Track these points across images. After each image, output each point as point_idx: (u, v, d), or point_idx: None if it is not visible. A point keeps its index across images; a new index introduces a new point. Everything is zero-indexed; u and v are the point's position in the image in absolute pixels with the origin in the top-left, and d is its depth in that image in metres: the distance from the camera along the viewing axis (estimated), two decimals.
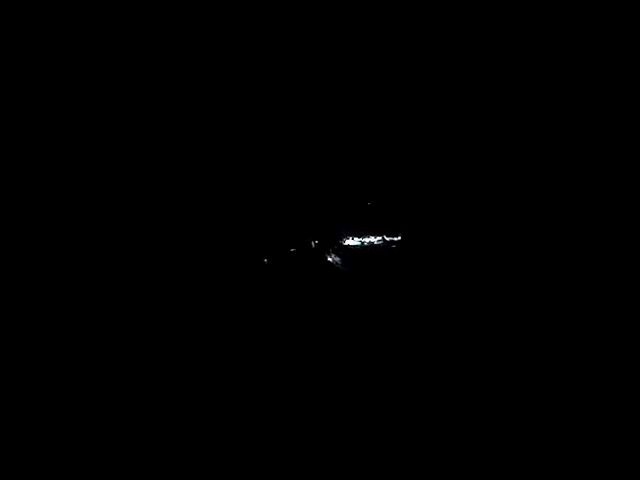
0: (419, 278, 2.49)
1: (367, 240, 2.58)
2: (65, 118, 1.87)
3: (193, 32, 2.07)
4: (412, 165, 2.46)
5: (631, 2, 1.81)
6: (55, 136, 1.84)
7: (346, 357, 1.91)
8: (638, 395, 1.39)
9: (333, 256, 2.26)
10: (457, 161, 2.47)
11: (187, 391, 1.71)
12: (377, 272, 2.72)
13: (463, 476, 1.26)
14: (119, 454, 1.31)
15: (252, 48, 2.22)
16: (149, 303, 1.97)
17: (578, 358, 1.58)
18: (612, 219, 1.78)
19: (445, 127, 2.45)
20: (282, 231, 2.27)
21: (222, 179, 2.40)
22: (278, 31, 2.13)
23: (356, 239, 2.56)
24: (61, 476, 1.26)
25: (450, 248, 2.44)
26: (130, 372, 1.70)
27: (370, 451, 1.48)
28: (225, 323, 1.94)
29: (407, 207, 2.67)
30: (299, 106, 2.40)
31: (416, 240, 2.60)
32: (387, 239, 2.65)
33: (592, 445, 1.27)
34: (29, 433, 1.37)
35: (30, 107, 1.81)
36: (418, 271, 2.53)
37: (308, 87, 2.43)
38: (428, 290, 2.23)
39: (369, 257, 2.53)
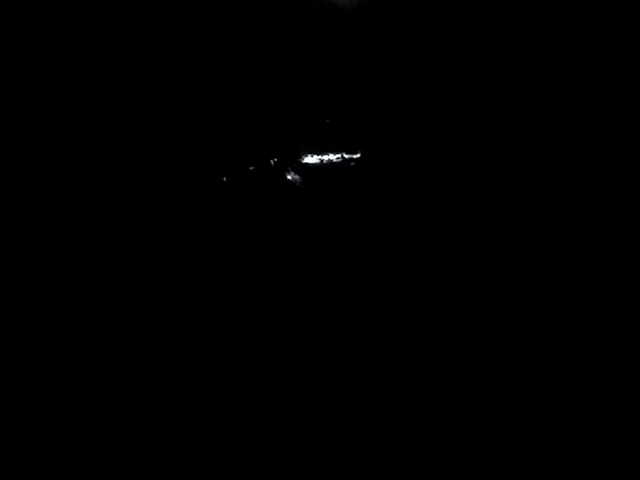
0: (376, 195, 2.58)
1: (326, 158, 2.56)
2: (63, 117, 1.74)
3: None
4: (372, 82, 2.40)
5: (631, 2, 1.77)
6: (54, 135, 1.72)
7: (305, 270, 2.01)
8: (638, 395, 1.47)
9: (292, 174, 2.25)
10: (422, 81, 2.44)
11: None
12: (336, 189, 2.78)
13: (463, 476, 1.35)
14: (119, 454, 1.35)
15: None
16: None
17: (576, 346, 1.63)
18: (612, 216, 1.85)
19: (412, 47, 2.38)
20: (241, 149, 2.20)
21: (180, 98, 2.27)
22: None
23: (315, 157, 2.52)
24: (61, 476, 1.31)
25: (411, 166, 2.50)
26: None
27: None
28: (184, 241, 1.98)
29: (366, 124, 2.65)
30: (261, 27, 2.22)
31: (375, 158, 2.62)
32: (346, 157, 2.65)
33: (592, 445, 1.37)
34: (29, 432, 1.39)
35: (29, 107, 1.68)
36: (376, 188, 2.60)
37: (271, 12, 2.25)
38: (386, 208, 2.33)
39: (328, 175, 2.54)
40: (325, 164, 2.47)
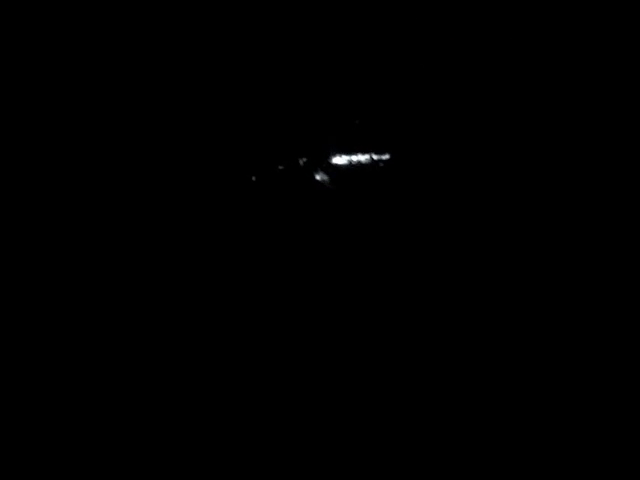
0: (406, 197, 2.55)
1: (355, 158, 2.54)
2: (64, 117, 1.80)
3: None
4: (403, 83, 2.36)
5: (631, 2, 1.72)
6: (54, 135, 1.78)
7: (332, 270, 1.99)
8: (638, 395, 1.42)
9: (321, 174, 2.25)
10: (454, 83, 2.39)
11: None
12: (364, 190, 2.76)
13: (463, 476, 1.32)
14: (119, 454, 1.34)
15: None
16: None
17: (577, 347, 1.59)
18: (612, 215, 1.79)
19: (438, 44, 2.34)
20: (270, 149, 2.21)
21: (209, 98, 2.30)
22: None
23: (344, 157, 2.51)
24: (61, 476, 1.31)
25: (441, 168, 2.45)
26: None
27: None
28: (212, 239, 1.99)
29: (396, 126, 2.60)
30: (283, 23, 2.23)
31: (404, 159, 2.58)
32: (375, 158, 2.61)
33: (592, 445, 1.33)
34: (29, 433, 1.39)
35: (29, 107, 1.74)
36: (405, 190, 2.56)
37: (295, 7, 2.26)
38: (415, 209, 2.29)
39: (357, 175, 2.51)
40: (354, 165, 2.43)
